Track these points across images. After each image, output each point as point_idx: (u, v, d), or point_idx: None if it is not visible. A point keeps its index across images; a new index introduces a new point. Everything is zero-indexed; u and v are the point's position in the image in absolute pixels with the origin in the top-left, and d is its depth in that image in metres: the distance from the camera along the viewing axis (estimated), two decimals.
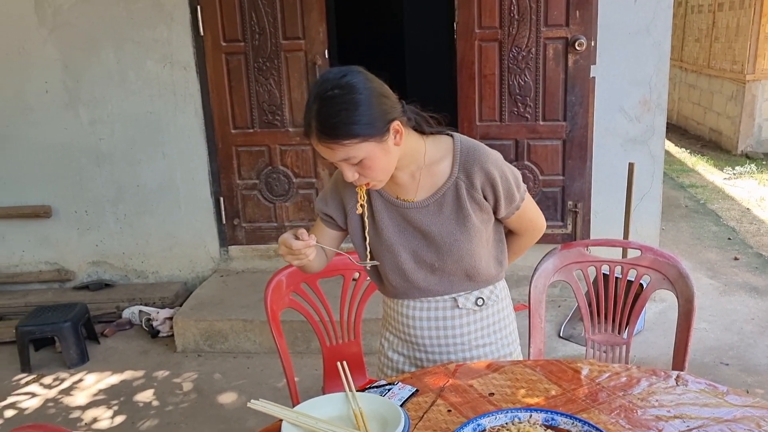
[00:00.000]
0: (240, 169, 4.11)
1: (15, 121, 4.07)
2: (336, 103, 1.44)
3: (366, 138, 1.46)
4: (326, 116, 1.44)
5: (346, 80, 1.46)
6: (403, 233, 1.68)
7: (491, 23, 3.71)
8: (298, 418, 1.36)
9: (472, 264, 1.68)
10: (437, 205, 1.64)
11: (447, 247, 1.65)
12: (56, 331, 3.52)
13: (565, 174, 3.90)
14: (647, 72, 3.74)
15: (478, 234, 1.67)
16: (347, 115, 1.44)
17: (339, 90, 1.44)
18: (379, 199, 1.68)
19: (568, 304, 3.85)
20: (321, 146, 1.48)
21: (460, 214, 1.64)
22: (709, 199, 6.19)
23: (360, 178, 1.54)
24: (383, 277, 1.76)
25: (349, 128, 1.44)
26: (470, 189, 1.63)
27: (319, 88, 1.47)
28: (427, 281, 1.71)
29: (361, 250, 1.75)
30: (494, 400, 1.48)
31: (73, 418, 3.09)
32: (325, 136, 1.45)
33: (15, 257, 4.31)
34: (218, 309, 3.72)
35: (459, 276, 1.70)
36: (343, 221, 1.74)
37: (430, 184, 1.64)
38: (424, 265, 1.69)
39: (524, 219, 1.75)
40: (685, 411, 1.42)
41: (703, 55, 8.85)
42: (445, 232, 1.65)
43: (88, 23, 3.89)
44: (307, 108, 1.48)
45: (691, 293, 1.99)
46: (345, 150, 1.46)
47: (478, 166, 1.61)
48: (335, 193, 1.73)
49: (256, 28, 3.85)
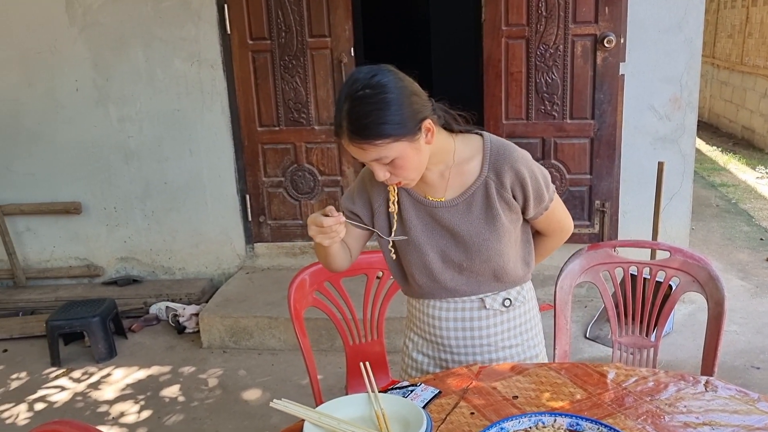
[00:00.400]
0: (266, 167, 4.13)
1: (46, 118, 4.14)
2: (367, 103, 1.43)
3: (398, 138, 1.45)
4: (358, 116, 1.43)
5: (376, 79, 1.44)
6: (431, 232, 1.67)
7: (518, 20, 3.67)
8: (321, 419, 1.36)
9: (500, 264, 1.67)
10: (466, 204, 1.63)
11: (476, 247, 1.64)
12: (85, 326, 3.57)
13: (593, 173, 3.84)
14: (678, 69, 3.67)
15: (507, 234, 1.65)
16: (379, 115, 1.43)
17: (370, 90, 1.43)
18: (407, 197, 1.67)
19: (594, 304, 3.81)
20: (352, 147, 1.47)
21: (489, 214, 1.62)
22: (740, 199, 6.07)
23: (391, 178, 1.53)
24: (409, 277, 1.75)
25: (381, 128, 1.43)
26: (500, 188, 1.61)
27: (350, 88, 1.45)
28: (454, 281, 1.69)
29: (386, 249, 1.74)
30: (518, 404, 1.47)
31: (100, 411, 3.14)
32: (357, 136, 1.44)
33: (46, 252, 4.39)
34: (243, 306, 3.74)
35: (486, 276, 1.69)
36: (369, 220, 1.72)
37: (460, 183, 1.63)
38: (452, 265, 1.68)
39: (552, 220, 1.73)
40: (714, 418, 1.39)
41: (736, 51, 8.67)
42: (474, 232, 1.63)
43: (117, 22, 3.94)
44: (338, 108, 1.47)
45: (721, 296, 1.95)
46: (377, 150, 1.45)
47: (508, 166, 1.59)
48: (362, 191, 1.71)
49: (282, 26, 3.86)
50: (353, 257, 1.78)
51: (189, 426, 3.00)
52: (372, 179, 1.65)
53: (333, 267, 1.74)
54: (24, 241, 4.36)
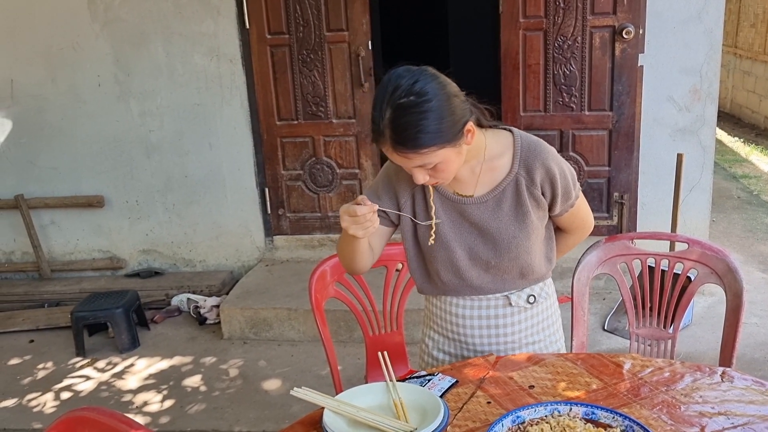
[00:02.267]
0: (284, 160, 4.16)
1: (70, 113, 4.21)
2: (412, 113, 1.40)
3: (442, 145, 1.44)
4: (403, 126, 1.41)
5: (419, 86, 1.41)
6: (459, 229, 1.65)
7: (536, 12, 3.66)
8: (340, 406, 1.39)
9: (527, 262, 1.66)
10: (496, 201, 1.62)
11: (504, 245, 1.62)
12: (109, 317, 3.64)
13: (611, 165, 3.83)
14: (698, 60, 3.64)
15: (535, 231, 1.64)
16: (425, 125, 1.40)
17: (414, 97, 1.40)
18: (436, 194, 1.65)
19: (612, 297, 3.80)
20: (396, 155, 1.46)
21: (519, 211, 1.62)
22: (763, 190, 6.00)
23: (430, 179, 1.53)
24: (433, 274, 1.72)
25: (426, 137, 1.41)
26: (530, 185, 1.60)
27: (392, 95, 1.41)
28: (480, 279, 1.68)
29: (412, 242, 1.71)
30: (534, 393, 1.49)
31: (124, 401, 3.21)
32: (401, 146, 1.43)
33: (70, 245, 4.47)
34: (263, 298, 3.79)
35: (513, 274, 1.68)
36: (395, 216, 1.70)
37: (490, 180, 1.62)
38: (479, 263, 1.66)
39: (576, 217, 1.73)
40: (730, 408, 1.40)
41: (759, 40, 8.54)
42: (504, 229, 1.62)
43: (138, 18, 3.99)
44: (377, 113, 1.44)
45: (740, 288, 1.95)
46: (421, 158, 1.45)
47: (540, 162, 1.59)
48: (388, 187, 1.69)
49: (300, 21, 3.88)
50: (375, 256, 1.74)
51: (211, 415, 3.05)
52: (398, 174, 1.64)
53: (357, 267, 1.69)
54: (48, 234, 4.45)
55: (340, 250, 1.70)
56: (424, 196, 1.66)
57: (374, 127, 1.46)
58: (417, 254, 1.74)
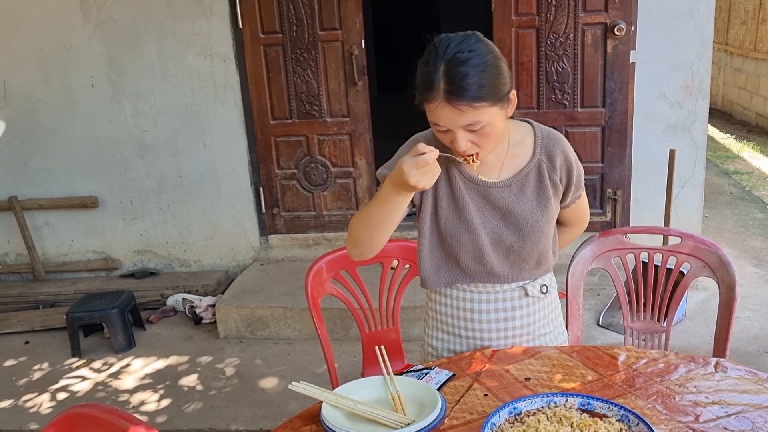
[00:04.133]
0: (279, 159, 4.17)
1: (63, 114, 4.20)
2: (468, 65, 1.42)
3: (494, 102, 1.46)
4: (459, 77, 1.42)
5: (472, 43, 1.45)
6: (483, 213, 1.65)
7: (528, 10, 3.68)
8: (338, 400, 1.40)
9: (546, 248, 1.68)
10: (520, 185, 1.63)
11: (528, 228, 1.63)
12: (104, 318, 3.64)
13: (605, 161, 3.86)
14: (689, 57, 3.67)
15: (553, 217, 1.68)
16: (481, 77, 1.43)
17: (469, 53, 1.43)
18: (461, 178, 1.65)
19: (607, 292, 3.82)
20: (448, 108, 1.44)
21: (541, 195, 1.64)
22: (755, 186, 6.04)
23: (472, 147, 1.52)
24: (450, 260, 1.68)
25: (482, 90, 1.43)
26: (551, 171, 1.64)
27: (446, 50, 1.44)
28: (500, 266, 1.67)
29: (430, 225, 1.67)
30: (530, 385, 1.50)
31: (121, 400, 3.21)
32: (456, 97, 1.42)
33: (64, 246, 4.46)
34: (259, 297, 3.79)
35: (531, 262, 1.68)
36: (417, 198, 1.66)
37: (513, 165, 1.64)
38: (502, 247, 1.65)
39: (579, 209, 1.78)
40: (724, 397, 1.41)
41: (750, 37, 8.59)
42: (528, 213, 1.63)
43: (131, 18, 3.99)
44: (431, 68, 1.44)
45: (732, 281, 1.96)
46: (473, 114, 1.44)
47: (559, 149, 1.64)
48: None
49: (293, 20, 3.89)
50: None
51: (207, 414, 3.05)
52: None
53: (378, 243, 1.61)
54: (43, 236, 4.44)
55: (367, 225, 1.58)
56: (447, 176, 1.64)
57: (425, 82, 1.46)
58: (434, 239, 1.69)
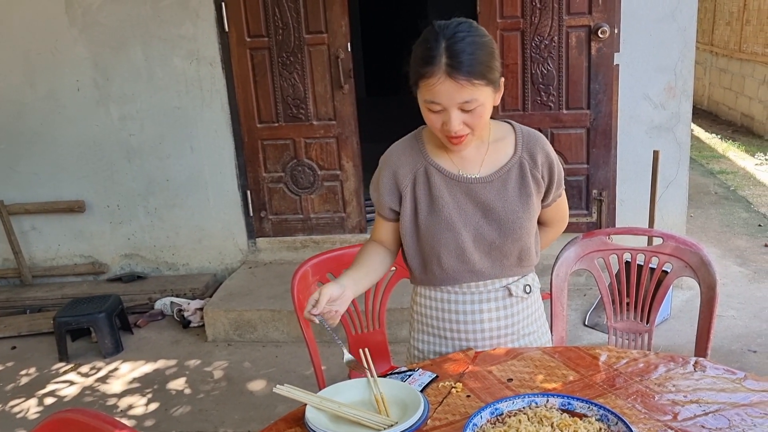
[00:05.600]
0: (266, 163, 4.18)
1: (49, 118, 4.19)
2: (469, 43, 1.47)
3: (489, 82, 1.50)
4: (461, 52, 1.46)
5: (470, 25, 1.51)
6: (463, 210, 1.66)
7: (513, 12, 3.71)
8: (322, 402, 1.41)
9: (527, 244, 1.70)
10: (502, 181, 1.65)
11: (510, 224, 1.65)
12: (92, 322, 3.63)
13: (590, 162, 3.89)
14: (672, 58, 3.71)
15: (535, 214, 1.70)
16: (481, 55, 1.47)
17: (468, 33, 1.48)
18: (439, 176, 1.66)
19: (593, 292, 3.85)
20: (449, 83, 1.47)
21: (523, 192, 1.66)
22: (739, 186, 6.10)
23: (463, 128, 1.54)
24: (433, 261, 1.69)
25: (481, 68, 1.47)
26: (533, 168, 1.66)
27: (446, 29, 1.49)
28: (482, 263, 1.68)
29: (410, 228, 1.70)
30: (512, 386, 1.52)
31: (109, 405, 3.20)
32: (457, 71, 1.45)
33: (51, 251, 4.45)
34: (247, 300, 3.80)
35: (512, 259, 1.70)
36: (398, 203, 1.70)
37: (495, 161, 1.66)
38: (483, 244, 1.67)
39: (560, 208, 1.80)
40: (702, 396, 1.44)
41: (734, 38, 8.68)
42: (510, 209, 1.65)
43: (117, 22, 3.98)
44: (431, 46, 1.48)
45: (713, 280, 1.99)
46: (471, 90, 1.48)
47: (540, 147, 1.67)
48: (389, 178, 1.69)
49: (279, 23, 3.90)
50: (393, 255, 1.79)
51: (196, 417, 3.06)
52: (402, 157, 1.67)
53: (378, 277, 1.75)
54: (29, 240, 4.42)
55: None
56: (426, 177, 1.66)
57: (425, 57, 1.48)
58: (415, 241, 1.71)
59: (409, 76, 1.55)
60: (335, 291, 1.54)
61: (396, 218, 1.73)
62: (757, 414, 1.36)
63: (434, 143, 1.68)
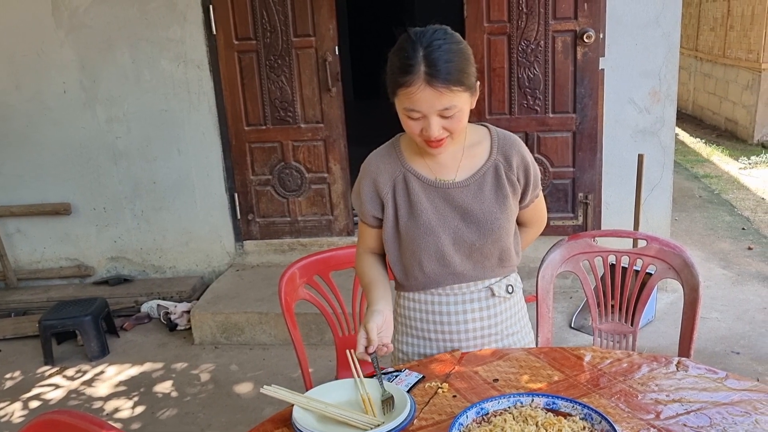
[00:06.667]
0: (253, 165, 4.18)
1: (35, 121, 4.17)
2: (447, 51, 1.49)
3: (467, 88, 1.53)
4: (441, 61, 1.48)
5: (444, 33, 1.53)
6: (442, 215, 1.69)
7: (500, 17, 3.74)
8: (309, 403, 1.42)
9: (507, 245, 1.72)
10: (478, 184, 1.68)
11: (488, 226, 1.67)
12: (77, 325, 3.61)
13: (576, 166, 3.92)
14: (657, 63, 3.75)
15: (512, 215, 1.73)
16: (459, 63, 1.50)
17: (444, 40, 1.50)
18: (417, 182, 1.68)
19: (579, 295, 3.88)
20: (429, 91, 1.48)
21: (499, 194, 1.68)
22: (723, 189, 6.17)
23: (443, 132, 1.56)
24: (414, 266, 1.71)
25: (460, 75, 1.50)
26: (508, 171, 1.69)
27: (423, 36, 1.50)
28: (463, 265, 1.71)
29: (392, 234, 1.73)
30: (498, 386, 1.53)
31: (95, 408, 3.18)
32: (436, 79, 1.47)
33: (37, 254, 4.42)
34: (234, 302, 3.79)
35: (493, 260, 1.72)
36: (381, 211, 1.73)
37: (470, 165, 1.69)
38: (464, 246, 1.69)
39: (538, 209, 1.83)
40: (684, 395, 1.46)
41: (719, 44, 8.78)
42: (487, 211, 1.68)
43: (104, 24, 3.97)
44: (408, 54, 1.49)
45: (696, 282, 2.02)
46: (451, 97, 1.50)
47: (515, 150, 1.69)
48: (369, 186, 1.71)
49: (267, 26, 3.91)
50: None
51: (182, 420, 3.05)
52: (378, 166, 1.69)
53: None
54: (14, 243, 4.39)
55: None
56: (405, 184, 1.69)
57: (404, 66, 1.49)
58: (397, 247, 1.73)
59: (387, 84, 1.57)
60: (379, 320, 1.57)
61: (380, 225, 1.76)
62: (737, 412, 1.38)
63: (411, 150, 1.70)
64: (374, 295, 1.68)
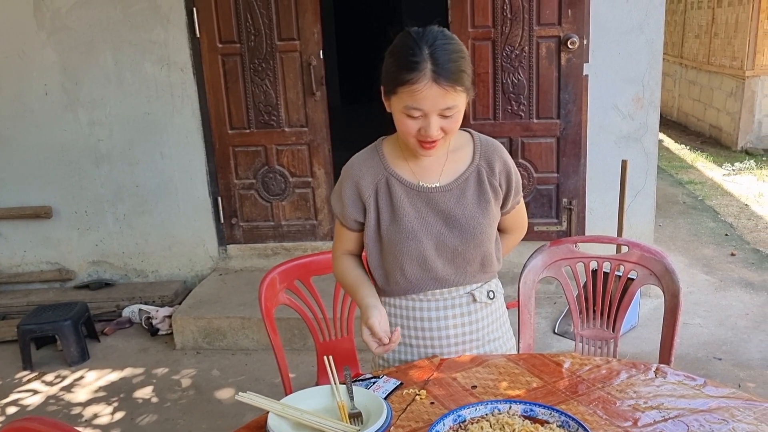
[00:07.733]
0: (237, 169, 4.15)
1: (16, 123, 4.12)
2: (451, 51, 1.51)
3: (467, 89, 1.55)
4: (447, 61, 1.50)
5: (445, 33, 1.55)
6: (425, 219, 1.68)
7: (484, 22, 3.74)
8: (284, 410, 1.40)
9: (489, 251, 1.72)
10: (460, 189, 1.68)
11: (470, 231, 1.67)
12: (57, 330, 3.56)
13: (560, 171, 3.93)
14: (640, 70, 3.76)
15: (494, 221, 1.73)
16: (461, 63, 1.53)
17: (447, 40, 1.53)
18: (400, 186, 1.68)
19: (563, 301, 3.88)
20: (435, 89, 1.49)
21: (482, 199, 1.69)
22: (707, 196, 6.21)
23: (440, 133, 1.57)
24: (396, 271, 1.70)
25: (463, 75, 1.52)
26: (490, 176, 1.70)
27: (426, 37, 1.52)
28: (445, 270, 1.70)
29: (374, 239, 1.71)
30: (476, 393, 1.52)
31: (74, 414, 3.14)
32: (444, 78, 1.49)
33: (17, 257, 4.36)
34: (217, 307, 3.76)
35: (475, 265, 1.72)
36: (362, 214, 1.72)
37: (453, 170, 1.69)
38: (446, 251, 1.68)
39: (519, 215, 1.83)
40: (662, 402, 1.45)
41: (703, 51, 8.86)
42: (469, 215, 1.68)
43: (86, 26, 3.94)
44: (413, 53, 1.50)
45: (676, 288, 2.02)
46: (454, 96, 1.52)
47: (498, 155, 1.71)
48: (352, 190, 1.70)
49: (251, 30, 3.89)
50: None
51: (162, 426, 3.01)
52: (361, 170, 1.68)
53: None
54: None
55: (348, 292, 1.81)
56: (387, 188, 1.68)
57: (408, 64, 1.50)
58: (378, 252, 1.72)
59: (385, 82, 1.56)
60: (377, 315, 1.60)
61: (361, 229, 1.75)
62: (715, 420, 1.38)
63: (394, 154, 1.70)
64: (363, 293, 1.69)
